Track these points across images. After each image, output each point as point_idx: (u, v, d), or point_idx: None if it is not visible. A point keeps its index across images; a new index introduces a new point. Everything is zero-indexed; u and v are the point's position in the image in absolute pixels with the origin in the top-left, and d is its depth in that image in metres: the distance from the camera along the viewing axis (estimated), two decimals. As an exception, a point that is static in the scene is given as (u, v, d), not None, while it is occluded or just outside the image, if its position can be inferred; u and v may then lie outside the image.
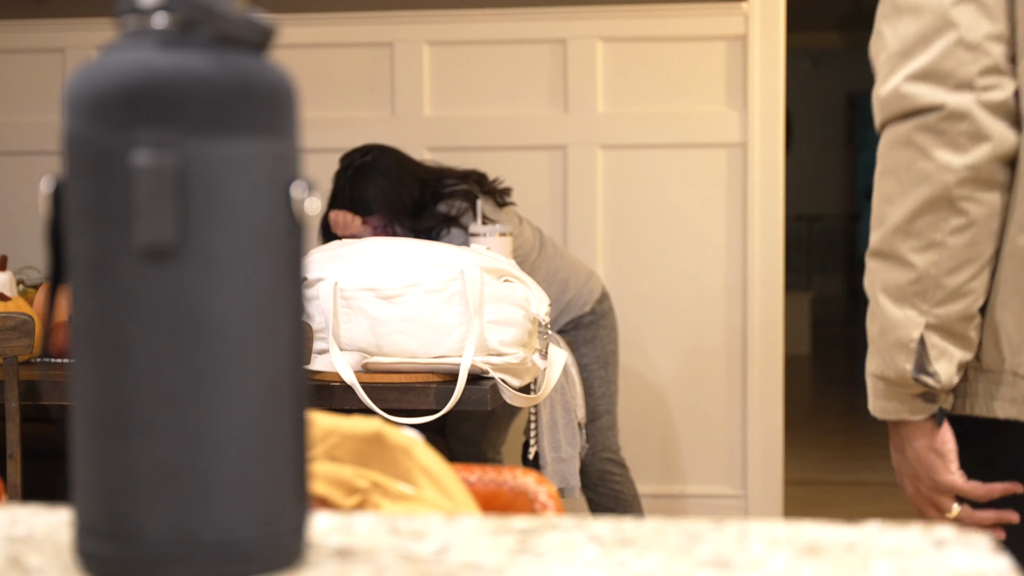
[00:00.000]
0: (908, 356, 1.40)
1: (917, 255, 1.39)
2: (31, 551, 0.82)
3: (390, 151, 3.41)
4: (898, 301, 1.41)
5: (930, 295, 1.39)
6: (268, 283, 0.76)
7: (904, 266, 1.40)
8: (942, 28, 1.36)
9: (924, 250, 1.39)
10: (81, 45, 4.41)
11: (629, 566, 0.77)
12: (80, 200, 0.75)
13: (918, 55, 1.37)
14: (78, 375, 0.76)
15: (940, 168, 1.35)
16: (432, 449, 1.07)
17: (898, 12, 1.40)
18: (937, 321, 1.40)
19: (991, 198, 1.37)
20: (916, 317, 1.40)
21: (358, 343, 2.57)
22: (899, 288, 1.41)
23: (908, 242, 1.39)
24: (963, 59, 1.35)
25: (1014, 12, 1.36)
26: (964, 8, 1.36)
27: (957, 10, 1.36)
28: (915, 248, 1.39)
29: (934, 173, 1.36)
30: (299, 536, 0.79)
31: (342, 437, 1.03)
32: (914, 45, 1.37)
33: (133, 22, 0.76)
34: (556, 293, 3.49)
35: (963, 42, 1.35)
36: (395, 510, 1.00)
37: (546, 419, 3.22)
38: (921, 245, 1.39)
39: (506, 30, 4.28)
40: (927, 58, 1.36)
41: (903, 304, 1.40)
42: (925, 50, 1.37)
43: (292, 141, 0.78)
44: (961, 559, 0.78)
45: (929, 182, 1.36)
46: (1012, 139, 1.37)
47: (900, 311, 1.41)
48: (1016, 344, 1.36)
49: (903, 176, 1.38)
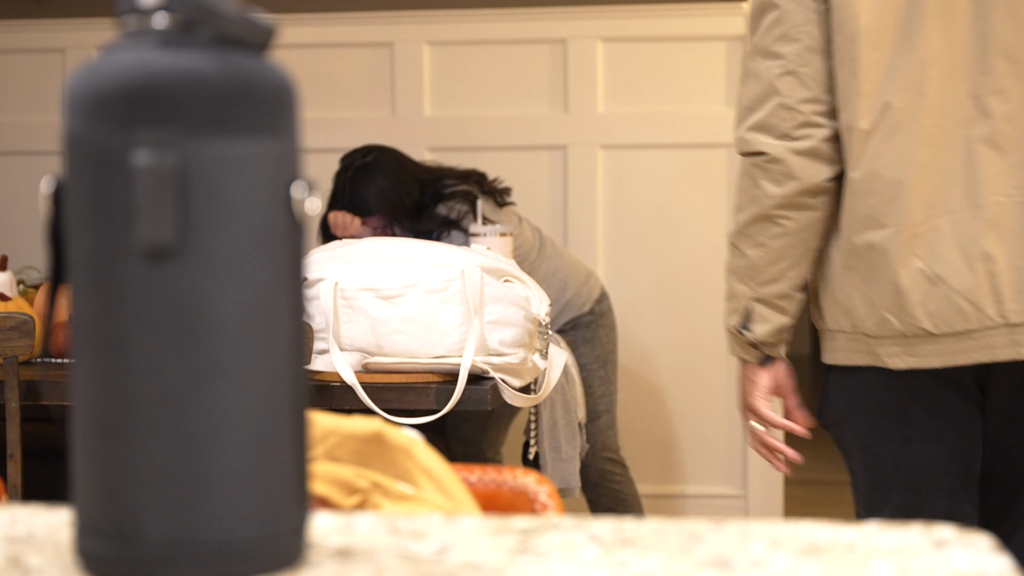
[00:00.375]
0: (739, 317, 1.98)
1: (750, 250, 1.95)
2: (31, 551, 0.82)
3: (390, 152, 3.41)
4: (738, 279, 1.97)
5: (757, 278, 1.95)
6: (268, 283, 0.76)
7: (742, 256, 1.96)
8: (770, 94, 1.90)
9: (754, 247, 1.94)
10: (81, 45, 4.41)
11: (629, 566, 0.77)
12: (80, 200, 0.75)
13: (756, 112, 1.92)
14: (78, 375, 0.76)
15: (764, 195, 1.91)
16: (432, 449, 1.07)
17: (747, 76, 1.95)
18: (760, 296, 1.96)
19: (802, 216, 1.91)
20: (747, 292, 1.96)
21: (358, 343, 2.57)
22: (738, 270, 1.97)
23: (745, 240, 1.95)
24: (783, 117, 1.89)
25: (833, 81, 1.88)
26: (786, 79, 1.90)
27: (780, 81, 1.90)
28: (749, 245, 1.95)
29: (760, 198, 1.91)
30: (299, 536, 0.79)
31: (342, 437, 1.03)
32: (754, 103, 1.93)
33: (133, 22, 0.76)
34: (555, 293, 3.49)
35: (783, 105, 1.90)
36: (395, 510, 1.00)
37: (546, 419, 3.22)
38: (752, 243, 1.94)
39: (506, 30, 4.28)
40: (760, 115, 1.91)
41: (740, 281, 1.97)
42: (760, 109, 1.91)
43: (292, 141, 0.78)
44: (961, 559, 0.78)
45: (757, 203, 1.92)
46: (818, 175, 1.90)
47: (739, 285, 1.97)
48: (862, 314, 1.90)
49: (744, 195, 1.94)
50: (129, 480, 0.74)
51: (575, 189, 4.24)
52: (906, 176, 1.85)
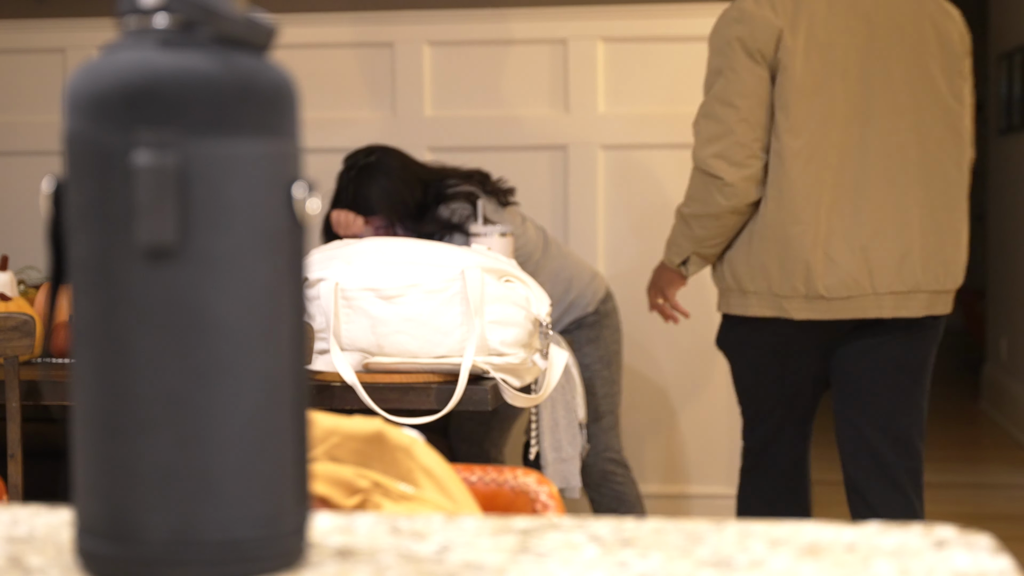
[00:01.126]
0: (680, 260, 2.96)
1: (697, 229, 2.85)
2: (32, 551, 0.82)
3: (393, 152, 3.41)
4: (684, 239, 2.90)
5: (699, 244, 2.88)
6: (269, 283, 0.76)
7: (690, 229, 2.87)
8: (728, 134, 2.76)
9: (701, 228, 2.84)
10: (82, 45, 4.41)
11: (630, 566, 0.77)
12: (81, 200, 0.75)
13: (716, 144, 2.77)
14: (79, 375, 0.76)
15: (715, 203, 2.79)
16: (433, 449, 1.07)
17: (708, 116, 2.79)
18: (698, 252, 2.91)
19: (738, 218, 2.82)
20: (690, 247, 2.91)
21: (359, 343, 2.57)
22: (685, 235, 2.89)
23: (695, 222, 2.85)
24: (736, 151, 2.76)
25: (773, 123, 2.75)
26: (741, 124, 2.75)
27: (737, 125, 2.75)
28: (697, 226, 2.84)
29: (712, 204, 2.79)
30: (300, 536, 0.79)
31: (343, 437, 1.03)
32: (714, 138, 2.77)
33: (134, 22, 0.76)
34: (560, 292, 3.49)
35: (737, 142, 2.75)
36: (396, 510, 1.00)
37: (547, 419, 3.22)
38: (700, 226, 2.84)
39: (507, 30, 4.28)
40: (719, 147, 2.76)
41: (686, 240, 2.90)
42: (719, 143, 2.76)
43: (293, 141, 0.78)
44: (962, 559, 0.78)
45: (709, 206, 2.80)
46: (755, 195, 2.79)
47: (684, 242, 2.90)
48: (777, 280, 2.78)
49: (698, 195, 2.81)
50: (130, 480, 0.74)
51: (575, 189, 4.24)
52: (816, 191, 2.74)
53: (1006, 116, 6.28)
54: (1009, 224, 6.19)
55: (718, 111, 2.75)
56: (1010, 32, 6.24)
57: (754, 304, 2.83)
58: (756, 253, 2.79)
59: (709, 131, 2.76)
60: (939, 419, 6.51)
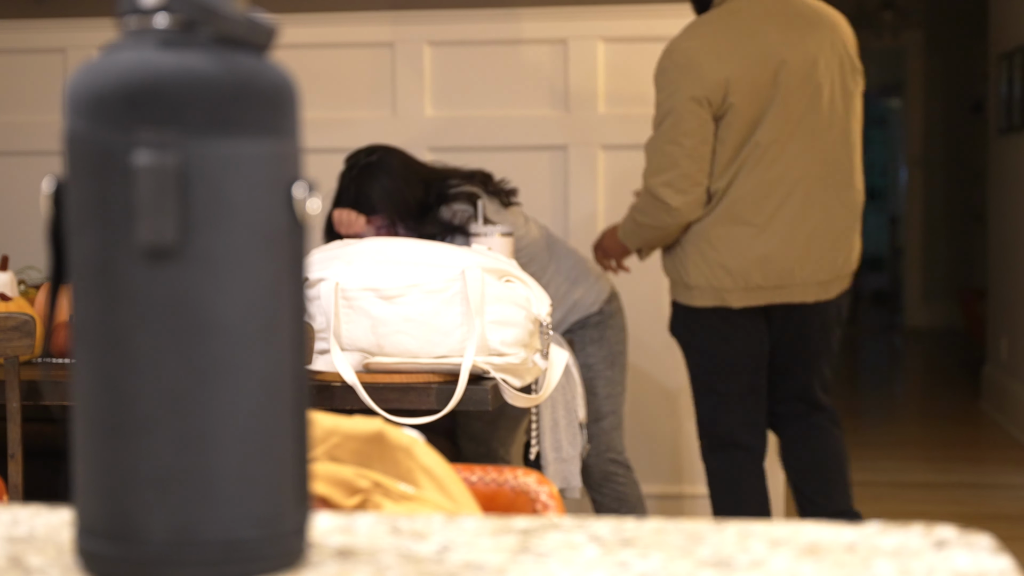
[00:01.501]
0: (635, 248, 3.43)
1: (647, 233, 3.34)
2: (32, 551, 0.82)
3: (395, 152, 3.41)
4: (637, 235, 3.38)
5: (649, 242, 3.39)
6: (269, 283, 0.76)
7: (641, 232, 3.36)
8: (675, 166, 3.23)
9: (650, 233, 3.34)
10: (82, 45, 4.41)
11: (630, 566, 0.77)
12: (81, 200, 0.75)
13: (664, 174, 3.25)
14: (79, 375, 0.76)
15: (663, 221, 3.28)
16: (433, 449, 1.07)
17: (657, 151, 3.26)
18: (649, 246, 3.41)
19: (680, 230, 3.31)
20: (640, 242, 3.40)
21: (359, 343, 2.57)
22: (638, 233, 3.37)
23: (645, 229, 3.34)
24: (681, 181, 3.24)
25: (714, 157, 3.25)
26: (685, 159, 3.22)
27: (682, 160, 3.22)
28: (647, 231, 3.34)
29: (660, 221, 3.29)
30: (300, 536, 0.79)
31: (343, 437, 1.03)
32: (663, 169, 3.25)
33: (134, 22, 0.76)
34: (564, 292, 3.48)
35: (682, 174, 3.23)
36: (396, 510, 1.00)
37: (547, 419, 3.22)
38: (649, 231, 3.33)
39: (507, 30, 4.28)
40: (667, 177, 3.24)
41: (639, 237, 3.38)
42: (667, 173, 3.24)
43: (293, 141, 0.78)
44: (962, 559, 0.78)
45: (657, 221, 3.29)
46: (696, 214, 3.28)
47: (636, 238, 3.39)
48: (721, 276, 3.29)
49: (649, 211, 3.30)
50: (130, 480, 0.74)
51: (575, 189, 4.24)
52: (758, 197, 3.25)
53: (1006, 116, 6.28)
54: (1009, 224, 6.19)
55: (666, 148, 3.23)
56: (1010, 32, 6.24)
57: (699, 296, 3.33)
58: (705, 252, 3.30)
59: (658, 163, 3.24)
60: (939, 419, 6.51)
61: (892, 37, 9.85)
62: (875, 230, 13.52)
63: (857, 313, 11.90)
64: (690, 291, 3.34)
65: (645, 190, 3.28)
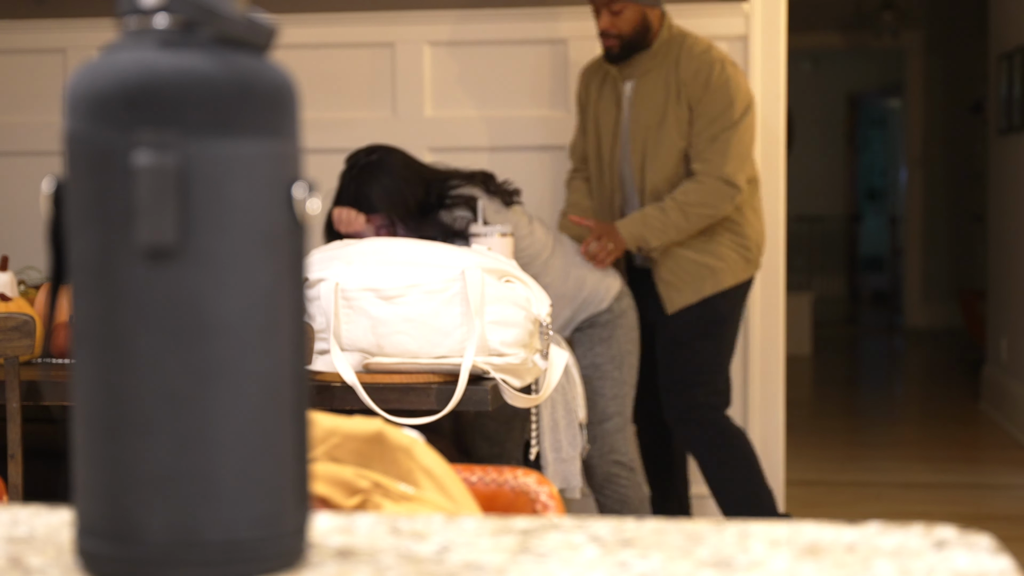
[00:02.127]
0: (664, 244, 3.60)
1: (698, 227, 3.63)
2: (32, 552, 0.82)
3: (396, 152, 3.41)
4: (696, 227, 3.60)
5: (681, 235, 3.62)
6: (269, 283, 0.76)
7: (700, 222, 3.60)
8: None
9: (702, 225, 3.62)
10: (82, 45, 4.41)
11: (630, 566, 0.77)
12: (81, 201, 0.75)
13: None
14: (79, 375, 0.76)
15: (727, 208, 3.67)
16: (433, 449, 1.07)
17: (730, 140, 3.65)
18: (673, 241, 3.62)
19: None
20: (678, 236, 3.58)
21: (359, 343, 2.57)
22: (687, 228, 3.59)
23: (701, 222, 3.61)
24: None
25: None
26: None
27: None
28: (702, 223, 3.61)
29: (724, 211, 3.66)
30: (300, 537, 0.79)
31: (343, 437, 1.03)
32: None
33: (134, 22, 0.76)
34: (572, 290, 3.47)
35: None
36: (396, 510, 1.00)
37: (547, 419, 3.22)
38: (705, 223, 3.61)
39: (506, 30, 4.28)
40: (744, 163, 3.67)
41: (694, 228, 3.59)
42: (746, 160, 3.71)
43: (293, 141, 0.78)
44: (962, 560, 0.78)
45: (723, 211, 3.67)
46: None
47: (683, 232, 3.59)
48: (669, 266, 3.67)
49: (716, 207, 3.65)
50: (130, 480, 0.74)
51: (576, 189, 4.24)
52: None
53: (1006, 116, 6.28)
54: (1009, 224, 6.19)
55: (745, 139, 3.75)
56: (1010, 32, 6.24)
57: (730, 276, 3.67)
58: (734, 231, 3.67)
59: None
60: (939, 419, 6.52)
61: (892, 37, 9.86)
62: (875, 230, 13.54)
63: (857, 313, 11.90)
64: (727, 273, 3.66)
65: (719, 179, 3.54)
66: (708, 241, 3.65)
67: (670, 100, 3.59)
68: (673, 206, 3.53)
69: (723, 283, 3.66)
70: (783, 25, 4.19)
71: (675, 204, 3.53)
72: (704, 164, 3.55)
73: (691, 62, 3.57)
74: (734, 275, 3.68)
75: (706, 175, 3.55)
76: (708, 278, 3.65)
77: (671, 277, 3.66)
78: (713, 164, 3.54)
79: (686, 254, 3.64)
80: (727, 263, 3.66)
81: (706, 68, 3.55)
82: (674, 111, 3.58)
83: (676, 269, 3.66)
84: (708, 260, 3.65)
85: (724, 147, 3.55)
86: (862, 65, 12.62)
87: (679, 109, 3.58)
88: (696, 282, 3.65)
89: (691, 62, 3.57)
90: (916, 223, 10.23)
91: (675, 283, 3.66)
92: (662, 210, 3.53)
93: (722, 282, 3.66)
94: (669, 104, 3.59)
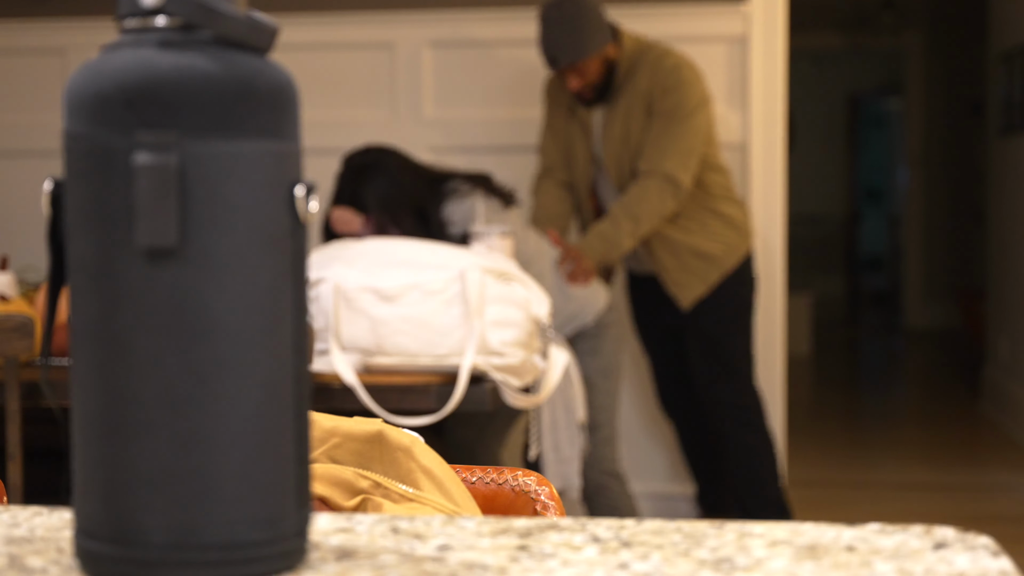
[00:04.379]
0: (607, 263, 3.63)
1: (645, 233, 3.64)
2: (32, 552, 0.82)
3: (393, 152, 3.41)
4: (644, 232, 3.61)
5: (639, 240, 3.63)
6: (269, 283, 0.76)
7: (652, 226, 3.63)
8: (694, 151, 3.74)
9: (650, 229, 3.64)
10: (82, 45, 4.41)
11: (630, 567, 0.77)
12: (81, 201, 0.75)
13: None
14: (79, 376, 0.76)
15: (671, 208, 3.67)
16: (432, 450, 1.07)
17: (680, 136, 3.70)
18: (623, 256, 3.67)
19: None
20: (616, 255, 3.58)
21: (359, 344, 2.57)
22: (638, 233, 3.58)
23: (651, 226, 3.64)
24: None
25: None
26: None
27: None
28: (653, 226, 3.65)
29: (670, 212, 3.69)
30: (300, 537, 0.79)
31: (343, 438, 1.03)
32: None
33: (134, 23, 0.76)
34: (560, 303, 3.48)
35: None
36: (396, 511, 1.00)
37: (547, 420, 3.22)
38: (655, 226, 3.65)
39: (507, 30, 4.28)
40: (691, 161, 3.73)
41: (631, 238, 3.58)
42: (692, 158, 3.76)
43: (293, 142, 0.78)
44: (962, 560, 0.78)
45: (668, 211, 3.68)
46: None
47: (635, 239, 3.60)
48: (672, 265, 3.76)
49: (668, 206, 3.65)
50: (130, 481, 0.74)
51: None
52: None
53: (1006, 116, 6.28)
54: (1009, 224, 6.19)
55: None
56: (1010, 32, 6.24)
57: (730, 255, 3.78)
58: (721, 216, 3.78)
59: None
60: (939, 419, 6.52)
61: (892, 37, 9.86)
62: (875, 230, 13.54)
63: (857, 313, 11.90)
64: (727, 254, 3.75)
65: (659, 176, 3.57)
66: (700, 231, 3.73)
67: (637, 116, 3.64)
68: (622, 214, 3.54)
69: (726, 264, 3.76)
70: (783, 25, 4.19)
71: (623, 211, 3.55)
72: (645, 162, 3.59)
73: (654, 75, 3.63)
74: (734, 253, 3.77)
75: (646, 174, 3.58)
76: (711, 265, 3.74)
77: (677, 276, 3.75)
78: (653, 161, 3.57)
79: (684, 248, 3.73)
80: (724, 243, 3.76)
81: (662, 74, 3.61)
82: (641, 123, 3.64)
83: (679, 267, 3.74)
84: (706, 247, 3.74)
85: (667, 143, 3.57)
86: (862, 65, 12.62)
87: (646, 120, 3.64)
88: (701, 272, 3.74)
89: (654, 75, 3.63)
90: (916, 223, 10.23)
91: (682, 280, 3.75)
92: (614, 223, 3.54)
93: (724, 263, 3.75)
94: (637, 119, 3.64)
